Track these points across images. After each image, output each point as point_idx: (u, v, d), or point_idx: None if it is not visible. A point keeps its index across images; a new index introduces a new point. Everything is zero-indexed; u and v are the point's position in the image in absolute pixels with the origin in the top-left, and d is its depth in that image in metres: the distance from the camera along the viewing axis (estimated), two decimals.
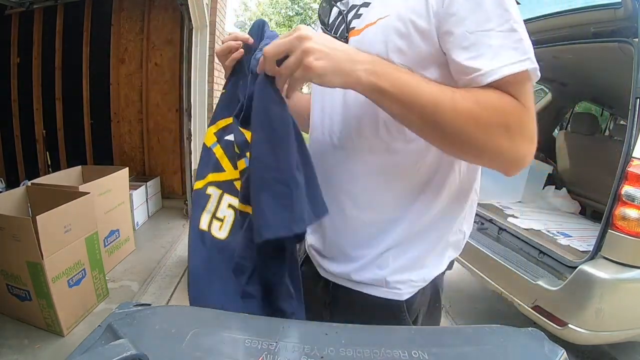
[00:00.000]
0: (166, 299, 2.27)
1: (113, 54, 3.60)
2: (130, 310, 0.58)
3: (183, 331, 0.52)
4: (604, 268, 1.41)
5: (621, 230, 1.40)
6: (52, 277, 1.79)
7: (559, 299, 1.48)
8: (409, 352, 0.48)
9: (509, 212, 2.33)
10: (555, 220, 2.29)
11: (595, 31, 1.85)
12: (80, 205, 1.99)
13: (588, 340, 1.49)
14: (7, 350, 1.73)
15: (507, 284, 1.73)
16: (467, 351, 0.50)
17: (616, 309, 1.43)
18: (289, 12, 15.09)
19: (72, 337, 1.86)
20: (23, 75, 3.55)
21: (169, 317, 0.58)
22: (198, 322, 0.55)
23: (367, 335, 0.54)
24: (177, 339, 0.50)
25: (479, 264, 1.90)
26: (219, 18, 3.64)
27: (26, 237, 1.70)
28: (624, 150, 1.44)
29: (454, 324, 2.26)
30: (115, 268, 2.58)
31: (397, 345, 0.50)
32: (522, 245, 1.89)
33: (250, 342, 0.50)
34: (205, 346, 0.49)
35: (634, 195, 1.38)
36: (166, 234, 3.22)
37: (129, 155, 3.79)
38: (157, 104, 3.70)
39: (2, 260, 1.82)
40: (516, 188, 2.61)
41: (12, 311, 1.92)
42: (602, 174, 2.14)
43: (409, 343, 0.51)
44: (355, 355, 0.48)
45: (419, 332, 0.59)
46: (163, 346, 0.49)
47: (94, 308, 2.10)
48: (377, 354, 0.48)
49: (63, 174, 2.67)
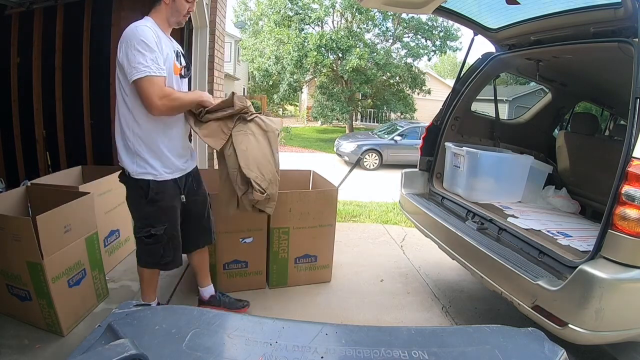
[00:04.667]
0: (166, 299, 2.27)
1: (113, 54, 3.59)
2: (130, 310, 0.58)
3: (183, 331, 0.52)
4: (604, 268, 1.41)
5: (621, 230, 1.40)
6: (52, 277, 1.79)
7: (559, 299, 1.48)
8: (409, 351, 0.48)
9: (509, 212, 2.33)
10: (555, 220, 2.29)
11: (595, 31, 1.85)
12: (80, 205, 1.99)
13: (588, 340, 1.49)
14: (7, 350, 1.73)
15: (507, 284, 1.72)
16: (467, 351, 0.50)
17: (616, 309, 1.43)
18: (288, 12, 15.07)
19: (72, 337, 1.86)
20: (23, 75, 3.55)
21: (169, 317, 0.58)
22: (198, 322, 0.55)
23: (367, 335, 0.54)
24: (177, 339, 0.50)
25: (479, 264, 1.89)
26: (218, 18, 3.64)
27: (26, 237, 1.71)
28: (624, 150, 1.44)
29: (454, 324, 2.26)
30: (115, 268, 2.58)
31: (397, 345, 0.50)
32: (522, 245, 1.89)
33: (250, 342, 0.50)
34: (205, 346, 0.49)
35: (634, 195, 1.38)
36: None
37: None
38: None
39: (2, 260, 1.82)
40: (516, 188, 2.61)
41: (12, 311, 1.92)
42: (602, 174, 2.14)
43: (409, 343, 0.51)
44: (356, 355, 0.48)
45: (419, 332, 0.59)
46: (163, 346, 0.49)
47: (94, 308, 2.10)
48: (377, 354, 0.48)
49: (63, 174, 2.68)
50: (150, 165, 1.67)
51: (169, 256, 1.78)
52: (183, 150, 1.80)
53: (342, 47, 13.96)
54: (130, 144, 1.65)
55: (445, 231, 2.18)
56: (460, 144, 2.63)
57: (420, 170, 2.77)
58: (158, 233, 1.72)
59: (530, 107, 3.41)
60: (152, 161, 1.67)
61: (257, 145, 1.80)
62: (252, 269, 2.41)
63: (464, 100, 2.69)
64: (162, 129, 1.68)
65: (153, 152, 1.67)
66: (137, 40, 1.51)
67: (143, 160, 1.66)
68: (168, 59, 1.63)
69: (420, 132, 8.75)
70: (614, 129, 3.24)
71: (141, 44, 1.51)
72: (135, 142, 1.65)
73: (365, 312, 2.30)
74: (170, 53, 1.66)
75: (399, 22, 15.34)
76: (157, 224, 1.72)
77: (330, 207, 2.47)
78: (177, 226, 1.81)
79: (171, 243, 1.78)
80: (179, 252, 1.84)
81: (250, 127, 1.82)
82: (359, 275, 2.75)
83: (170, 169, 1.73)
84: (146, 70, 1.50)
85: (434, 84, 17.09)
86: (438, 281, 2.75)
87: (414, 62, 15.87)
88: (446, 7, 2.33)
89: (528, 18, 2.20)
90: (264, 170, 1.78)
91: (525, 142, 3.05)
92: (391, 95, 15.72)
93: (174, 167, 1.75)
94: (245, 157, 1.75)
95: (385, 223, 4.10)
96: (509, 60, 2.61)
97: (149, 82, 1.51)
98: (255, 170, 1.76)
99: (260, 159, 1.79)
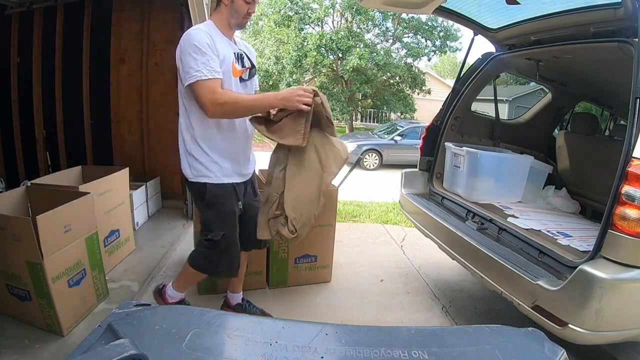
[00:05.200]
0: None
1: (113, 54, 3.60)
2: (130, 310, 0.58)
3: (183, 331, 0.52)
4: (604, 268, 1.41)
5: (621, 230, 1.40)
6: (52, 277, 1.79)
7: (559, 299, 1.48)
8: (409, 351, 0.48)
9: (509, 212, 2.33)
10: (555, 220, 2.29)
11: (595, 31, 1.85)
12: (80, 205, 1.99)
13: (588, 340, 1.49)
14: (7, 350, 1.73)
15: (507, 284, 1.72)
16: (467, 351, 0.50)
17: (616, 309, 1.43)
18: (288, 11, 15.06)
19: (72, 337, 1.86)
20: (23, 75, 3.55)
21: (169, 317, 0.58)
22: (198, 322, 0.55)
23: (367, 335, 0.54)
24: (177, 339, 0.50)
25: (479, 264, 1.89)
26: None
27: (26, 237, 1.71)
28: (624, 150, 1.44)
29: (454, 324, 2.26)
30: (115, 268, 2.58)
31: (397, 345, 0.50)
32: (522, 245, 1.89)
33: (250, 342, 0.50)
34: (205, 346, 0.49)
35: (634, 195, 1.38)
36: (166, 234, 3.22)
37: (129, 155, 3.78)
38: (157, 104, 3.70)
39: (2, 260, 1.82)
40: (516, 188, 2.61)
41: (12, 311, 1.92)
42: (602, 174, 2.14)
43: (409, 343, 0.51)
44: (356, 355, 0.48)
45: (419, 332, 0.59)
46: (163, 346, 0.49)
47: (94, 308, 2.10)
48: (377, 354, 0.48)
49: (63, 174, 2.67)
50: (207, 167, 1.64)
51: (223, 264, 1.73)
52: (242, 155, 1.74)
53: (342, 47, 13.97)
54: (188, 147, 1.64)
55: (445, 231, 2.18)
56: (460, 144, 2.63)
57: (420, 170, 2.77)
58: (215, 238, 1.67)
59: (530, 107, 3.41)
60: (209, 164, 1.64)
61: (307, 186, 1.66)
62: (253, 269, 2.41)
63: (464, 100, 2.69)
64: (219, 132, 1.64)
65: (209, 156, 1.64)
66: (188, 44, 1.50)
67: (199, 162, 1.64)
68: (225, 62, 1.58)
69: (420, 132, 8.75)
70: (614, 129, 3.24)
71: (192, 47, 1.49)
72: (192, 146, 1.63)
73: (365, 312, 2.30)
74: (228, 55, 1.60)
75: (399, 22, 15.33)
76: (215, 228, 1.67)
77: (331, 207, 2.47)
78: (236, 233, 1.74)
79: (228, 250, 1.72)
80: (235, 260, 1.77)
81: (310, 157, 1.66)
82: (359, 275, 2.75)
83: (228, 172, 1.68)
84: (197, 75, 1.48)
85: (434, 84, 17.08)
86: (438, 281, 2.75)
87: (414, 62, 15.86)
88: (446, 7, 2.33)
89: (528, 18, 2.20)
90: (304, 211, 1.67)
91: (525, 142, 3.05)
92: (391, 95, 15.72)
93: (232, 172, 1.70)
94: (292, 196, 1.64)
95: (385, 223, 4.10)
96: (509, 60, 2.61)
97: (201, 85, 1.49)
98: (297, 211, 1.64)
99: (304, 199, 1.66)
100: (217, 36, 1.59)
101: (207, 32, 1.54)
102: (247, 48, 1.81)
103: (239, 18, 1.64)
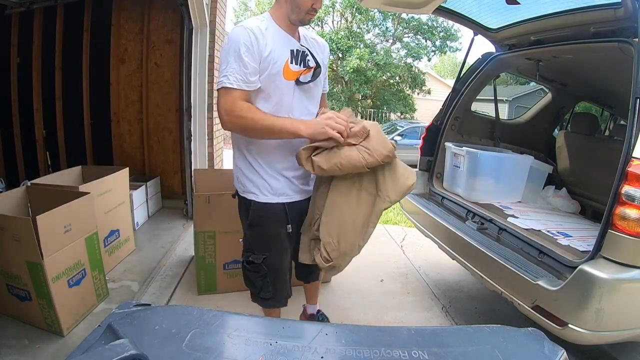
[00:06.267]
0: (166, 299, 2.26)
1: (113, 54, 3.60)
2: (130, 310, 0.58)
3: (183, 331, 0.52)
4: (604, 268, 1.41)
5: (621, 230, 1.40)
6: (52, 277, 1.79)
7: (559, 299, 1.48)
8: (409, 351, 0.48)
9: (509, 212, 2.33)
10: (555, 220, 2.29)
11: (595, 31, 1.85)
12: (80, 205, 1.99)
13: (588, 340, 1.49)
14: (7, 350, 1.73)
15: (507, 284, 1.72)
16: (467, 351, 0.50)
17: (616, 309, 1.43)
18: None
19: (72, 337, 1.86)
20: (23, 75, 3.55)
21: (169, 317, 0.58)
22: (198, 322, 0.55)
23: (367, 335, 0.54)
24: (177, 339, 0.50)
25: (479, 264, 1.89)
26: (218, 18, 3.64)
27: (26, 237, 1.71)
28: (624, 150, 1.44)
29: (454, 324, 2.26)
30: (115, 268, 2.58)
31: (397, 345, 0.50)
32: (522, 245, 1.88)
33: (250, 342, 0.50)
34: (205, 346, 0.49)
35: (634, 195, 1.38)
36: (166, 234, 3.22)
37: (129, 155, 3.79)
38: (157, 104, 3.70)
39: (2, 260, 1.82)
40: (516, 188, 2.61)
41: (12, 311, 1.92)
42: (602, 174, 2.14)
43: (409, 343, 0.51)
44: (355, 355, 0.48)
45: (419, 332, 0.59)
46: (163, 346, 0.49)
47: (94, 308, 2.10)
48: (377, 354, 0.48)
49: (63, 174, 2.68)
50: (253, 182, 1.46)
51: (268, 292, 1.54)
52: (294, 173, 1.49)
53: (342, 47, 13.97)
54: (236, 159, 1.51)
55: (445, 231, 2.18)
56: (460, 144, 2.63)
57: (420, 170, 2.77)
58: (256, 261, 1.50)
59: (530, 107, 3.41)
60: (256, 179, 1.46)
61: (352, 210, 1.40)
62: None
63: (464, 100, 2.69)
64: (266, 146, 1.43)
65: (255, 171, 1.45)
66: (227, 45, 1.34)
67: (245, 177, 1.47)
68: (275, 63, 1.35)
69: (420, 132, 8.74)
70: (614, 129, 3.24)
71: (228, 50, 1.33)
72: (239, 159, 1.49)
73: (365, 312, 2.30)
74: (282, 55, 1.37)
75: (399, 22, 15.34)
76: (257, 250, 1.51)
77: None
78: (282, 258, 1.54)
79: (272, 277, 1.53)
80: (283, 288, 1.57)
81: (365, 177, 1.38)
82: (359, 275, 2.74)
83: (275, 191, 1.46)
84: (223, 81, 1.32)
85: (434, 84, 17.08)
86: (438, 281, 2.75)
87: (414, 62, 15.87)
88: (446, 7, 2.33)
89: (528, 18, 2.20)
90: (343, 239, 1.40)
91: (525, 142, 3.05)
92: (391, 96, 15.72)
93: (280, 191, 1.47)
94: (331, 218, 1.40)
95: (385, 223, 4.10)
96: (509, 60, 2.61)
97: (223, 93, 1.33)
98: (333, 236, 1.39)
99: (347, 225, 1.40)
100: (272, 32, 1.36)
101: (253, 30, 1.32)
102: (316, 43, 1.52)
103: (301, 14, 1.37)
